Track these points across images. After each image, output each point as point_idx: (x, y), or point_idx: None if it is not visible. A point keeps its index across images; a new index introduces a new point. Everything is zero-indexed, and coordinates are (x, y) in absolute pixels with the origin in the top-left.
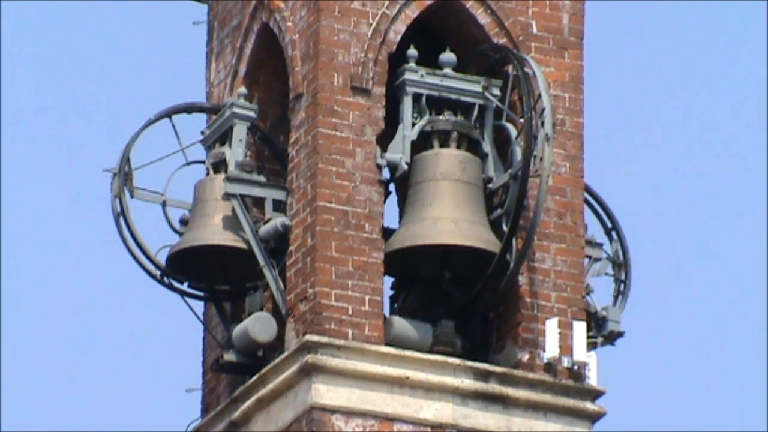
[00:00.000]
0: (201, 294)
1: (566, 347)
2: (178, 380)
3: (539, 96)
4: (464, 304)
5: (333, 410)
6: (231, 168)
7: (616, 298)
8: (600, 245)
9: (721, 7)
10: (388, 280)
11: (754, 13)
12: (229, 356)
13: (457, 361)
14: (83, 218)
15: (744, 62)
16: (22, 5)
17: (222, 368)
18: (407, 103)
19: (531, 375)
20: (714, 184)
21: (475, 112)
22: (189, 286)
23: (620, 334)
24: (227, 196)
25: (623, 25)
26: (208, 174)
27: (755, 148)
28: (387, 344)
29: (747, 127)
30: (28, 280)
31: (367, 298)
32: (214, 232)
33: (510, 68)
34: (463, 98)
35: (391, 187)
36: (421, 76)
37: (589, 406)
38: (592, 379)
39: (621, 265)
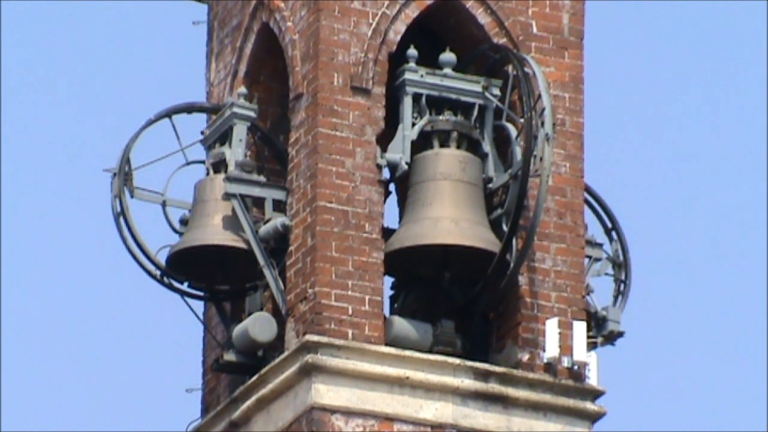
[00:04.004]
0: (201, 294)
1: (566, 347)
2: (178, 380)
3: (539, 96)
4: (464, 304)
5: (333, 410)
6: (231, 168)
7: (616, 298)
8: (600, 245)
9: (721, 7)
10: (388, 280)
11: (754, 13)
12: (229, 356)
13: (457, 361)
14: (83, 218)
15: (744, 62)
16: (22, 5)
17: (222, 368)
18: (407, 103)
19: (531, 375)
20: (714, 184)
21: (475, 112)
22: (189, 286)
23: (620, 334)
24: (227, 196)
25: (623, 25)
26: (208, 174)
27: (755, 148)
28: (387, 344)
29: (747, 126)
30: (28, 280)
31: (367, 298)
32: (214, 232)
33: (510, 68)
34: (463, 98)
35: (391, 187)
36: (421, 76)
37: (589, 406)
38: (592, 379)
39: (621, 265)
